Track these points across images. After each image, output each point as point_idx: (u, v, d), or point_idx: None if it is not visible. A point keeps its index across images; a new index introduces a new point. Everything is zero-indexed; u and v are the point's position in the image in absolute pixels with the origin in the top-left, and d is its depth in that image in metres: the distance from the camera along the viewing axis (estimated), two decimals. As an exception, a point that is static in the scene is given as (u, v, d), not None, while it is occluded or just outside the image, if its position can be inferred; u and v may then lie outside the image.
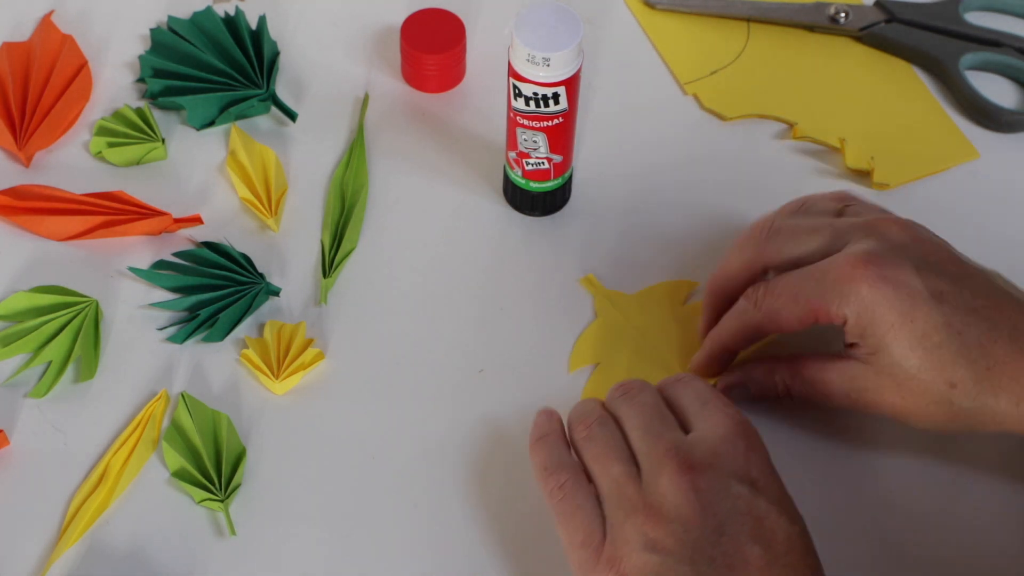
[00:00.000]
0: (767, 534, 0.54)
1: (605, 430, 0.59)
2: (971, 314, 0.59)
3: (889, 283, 0.59)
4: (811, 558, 0.55)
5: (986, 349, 0.59)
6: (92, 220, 0.71)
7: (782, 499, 0.56)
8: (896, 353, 0.59)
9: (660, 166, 0.76)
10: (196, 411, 0.65)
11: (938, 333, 0.59)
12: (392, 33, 0.81)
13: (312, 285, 0.71)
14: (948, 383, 0.59)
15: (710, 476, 0.55)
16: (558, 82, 0.65)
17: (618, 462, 0.57)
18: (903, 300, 0.59)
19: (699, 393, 0.59)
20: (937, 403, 0.59)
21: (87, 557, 0.62)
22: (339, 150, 0.76)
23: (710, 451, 0.56)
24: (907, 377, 0.59)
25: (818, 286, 0.61)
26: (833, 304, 0.60)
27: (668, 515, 0.54)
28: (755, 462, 0.56)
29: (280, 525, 0.63)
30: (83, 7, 0.82)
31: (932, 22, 0.81)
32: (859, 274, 0.60)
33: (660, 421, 0.58)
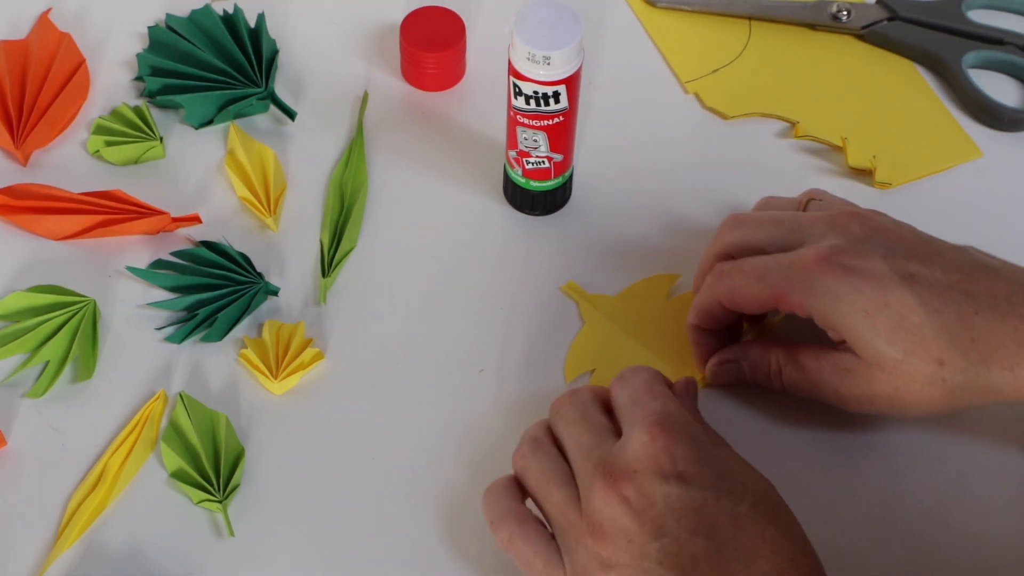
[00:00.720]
0: (707, 522, 0.53)
1: (538, 456, 0.59)
2: (946, 290, 0.59)
3: (856, 273, 0.60)
4: (770, 531, 0.54)
5: (967, 322, 0.59)
6: (90, 219, 0.71)
7: (718, 482, 0.55)
8: (877, 341, 0.59)
9: (661, 165, 0.76)
10: (194, 411, 0.65)
11: (915, 314, 0.59)
12: (392, 31, 0.80)
13: (311, 285, 0.71)
14: (936, 361, 0.59)
15: (636, 483, 0.54)
16: (558, 81, 0.65)
17: (556, 488, 0.57)
18: (873, 287, 0.59)
19: (632, 391, 0.59)
20: (930, 384, 0.59)
21: (85, 558, 0.61)
22: (338, 149, 0.76)
23: (632, 457, 0.55)
24: (894, 363, 0.59)
25: (785, 272, 0.61)
26: (796, 292, 0.60)
27: (609, 532, 0.54)
28: (680, 454, 0.55)
29: (279, 526, 0.63)
30: (81, 5, 0.82)
31: (935, 20, 0.81)
32: (825, 267, 0.60)
33: (590, 435, 0.58)
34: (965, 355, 0.59)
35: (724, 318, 0.65)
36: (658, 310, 0.70)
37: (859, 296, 0.59)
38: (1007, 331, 0.58)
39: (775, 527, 0.54)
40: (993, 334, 0.59)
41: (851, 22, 0.81)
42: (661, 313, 0.69)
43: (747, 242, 0.64)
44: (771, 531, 0.54)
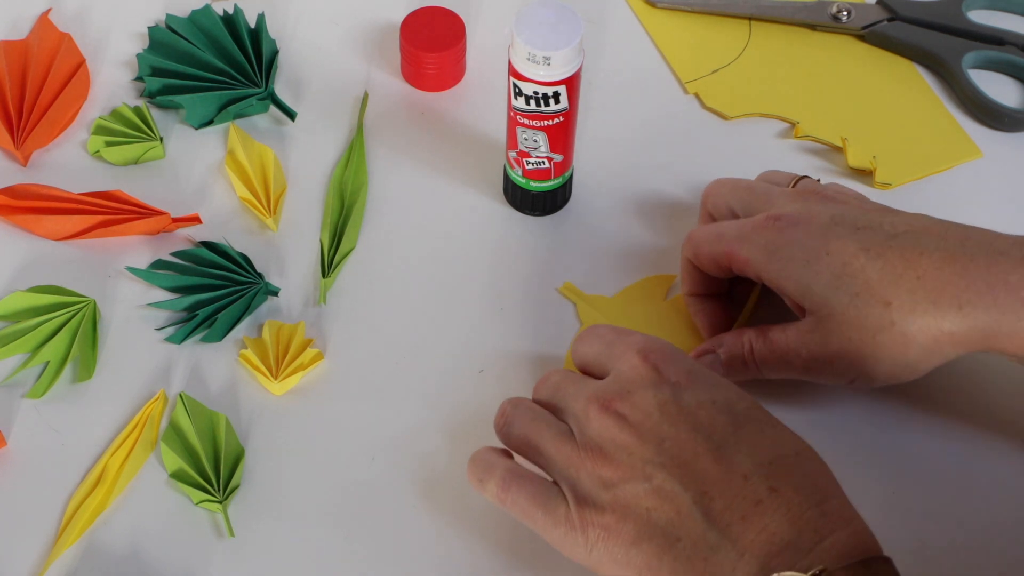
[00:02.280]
0: (705, 423, 0.54)
1: (520, 410, 0.60)
2: (892, 239, 0.60)
3: (799, 226, 0.61)
4: (770, 428, 0.54)
5: (912, 262, 0.59)
6: (90, 220, 0.71)
7: (712, 388, 0.56)
8: (821, 288, 0.60)
9: (661, 165, 0.76)
10: (194, 411, 0.65)
11: (857, 259, 0.59)
12: (392, 31, 0.80)
13: (311, 285, 0.71)
14: (883, 302, 0.59)
15: (631, 401, 0.56)
16: (558, 81, 0.65)
17: (546, 428, 0.58)
18: (814, 237, 0.60)
19: (602, 338, 0.60)
20: (881, 330, 0.59)
21: (85, 558, 0.61)
22: (338, 149, 0.76)
23: (624, 381, 0.57)
24: (843, 309, 0.60)
25: (737, 232, 0.63)
26: (743, 248, 0.62)
27: (609, 451, 0.55)
28: (670, 368, 0.57)
29: (279, 526, 0.63)
30: (81, 5, 0.82)
31: (935, 20, 0.81)
32: (770, 224, 0.62)
33: (573, 382, 0.59)
34: (911, 293, 0.59)
35: (703, 279, 0.66)
36: (656, 310, 0.70)
37: (799, 248, 0.60)
38: (955, 270, 0.59)
39: (775, 427, 0.55)
40: (942, 271, 0.59)
41: (851, 22, 0.81)
42: (659, 313, 0.70)
43: (721, 203, 0.67)
44: (770, 428, 0.55)
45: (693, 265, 0.66)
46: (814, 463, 0.54)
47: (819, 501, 0.52)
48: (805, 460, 0.54)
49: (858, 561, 0.50)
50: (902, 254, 0.59)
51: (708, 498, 0.53)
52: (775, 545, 0.51)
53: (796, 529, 0.51)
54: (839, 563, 0.50)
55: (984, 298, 0.58)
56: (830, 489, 0.53)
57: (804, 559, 0.51)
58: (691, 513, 0.53)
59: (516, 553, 0.62)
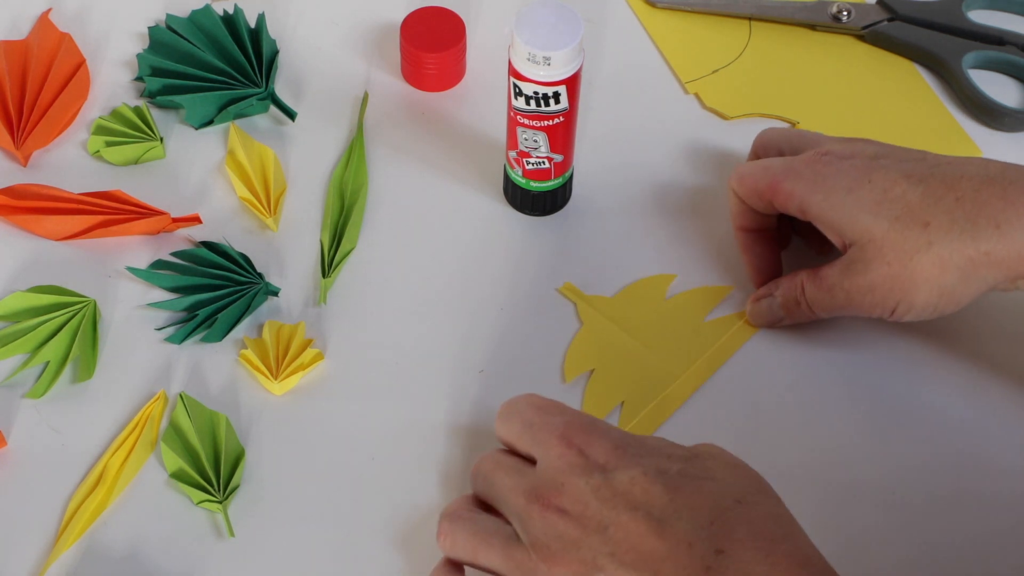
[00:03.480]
0: (641, 498, 0.53)
1: (460, 524, 0.58)
2: (935, 168, 0.61)
3: (844, 159, 0.63)
4: (708, 481, 0.54)
5: (952, 185, 0.60)
6: (90, 220, 0.71)
7: (641, 459, 0.55)
8: (862, 214, 0.61)
9: (661, 165, 0.76)
10: (195, 412, 0.65)
11: (898, 185, 0.60)
12: (392, 31, 0.80)
13: (311, 285, 0.71)
14: (921, 223, 0.60)
15: (565, 493, 0.55)
16: (559, 81, 0.65)
17: (491, 538, 0.56)
18: (857, 169, 0.62)
19: (522, 418, 0.58)
20: (918, 251, 0.60)
21: (85, 558, 0.61)
22: (338, 149, 0.76)
23: (554, 472, 0.55)
24: (883, 234, 0.60)
25: (783, 165, 0.65)
26: (788, 180, 0.64)
27: (557, 549, 0.54)
28: (595, 448, 0.56)
29: (279, 526, 0.63)
30: (81, 5, 0.82)
31: (935, 20, 0.81)
32: (815, 158, 0.64)
33: (507, 473, 0.57)
34: (950, 213, 0.59)
35: (749, 214, 0.67)
36: (656, 310, 0.70)
37: (842, 177, 0.62)
38: (994, 191, 0.59)
39: (713, 480, 0.54)
40: (980, 192, 0.59)
41: (851, 22, 0.81)
42: (659, 313, 0.69)
43: (769, 143, 0.70)
44: (708, 483, 0.54)
45: (739, 198, 0.67)
46: (760, 507, 0.53)
47: (768, 551, 0.51)
48: (750, 507, 0.53)
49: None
50: (943, 179, 0.60)
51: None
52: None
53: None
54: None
55: (1023, 218, 0.59)
56: (780, 533, 0.52)
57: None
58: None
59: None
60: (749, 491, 0.54)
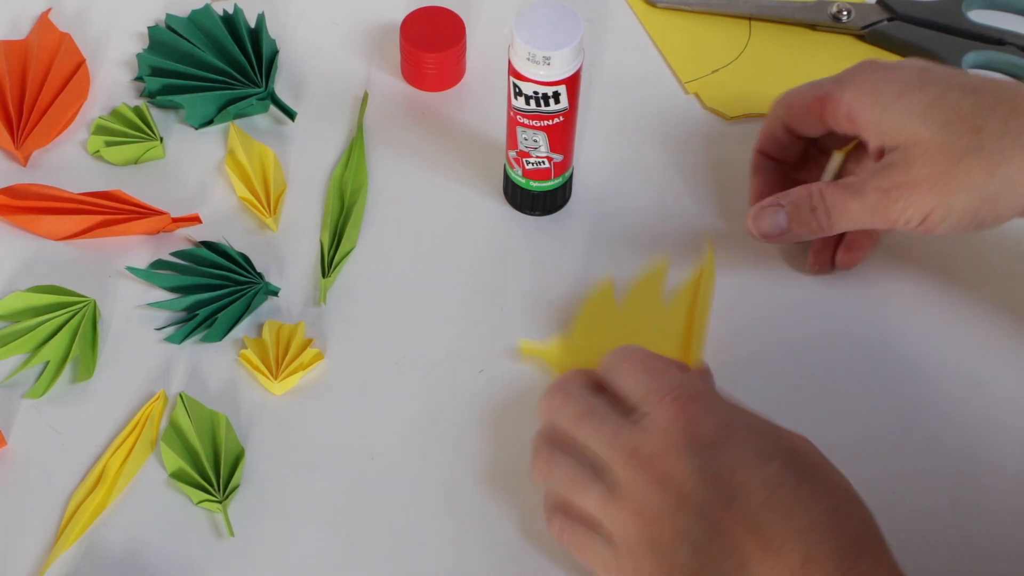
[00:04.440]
0: (743, 485, 0.54)
1: (558, 463, 0.59)
2: (987, 82, 0.61)
3: (895, 69, 0.63)
4: (805, 484, 0.54)
5: (1006, 98, 0.59)
6: (90, 219, 0.71)
7: (746, 447, 0.55)
8: (913, 119, 0.60)
9: (661, 165, 0.76)
10: (194, 411, 0.65)
11: (951, 92, 0.60)
12: (392, 31, 0.80)
13: (311, 285, 0.71)
14: (973, 128, 0.59)
15: (669, 461, 0.55)
16: (558, 81, 0.65)
17: (588, 487, 0.57)
18: (908, 78, 0.62)
19: (633, 370, 0.59)
20: (968, 154, 0.59)
21: (85, 558, 0.61)
22: (338, 149, 0.76)
23: (661, 436, 0.56)
24: (931, 135, 0.59)
25: (833, 79, 0.65)
26: (838, 88, 0.63)
27: (651, 512, 0.55)
28: (706, 424, 0.56)
29: (279, 526, 0.63)
30: (81, 5, 0.82)
31: (935, 20, 0.81)
32: (867, 67, 0.64)
33: (606, 425, 0.58)
34: (1004, 122, 0.59)
35: (784, 141, 0.67)
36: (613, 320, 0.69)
37: (893, 84, 0.61)
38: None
39: (811, 482, 0.54)
40: None
41: (851, 22, 0.81)
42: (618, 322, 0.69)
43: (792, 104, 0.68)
44: (806, 487, 0.54)
45: (778, 123, 0.67)
46: (850, 517, 0.54)
47: (851, 566, 0.52)
48: (841, 516, 0.53)
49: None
50: (996, 92, 0.60)
51: (744, 571, 0.53)
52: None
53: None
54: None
55: None
56: (866, 547, 0.53)
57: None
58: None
59: (516, 553, 0.62)
60: (843, 499, 0.54)
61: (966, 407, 0.66)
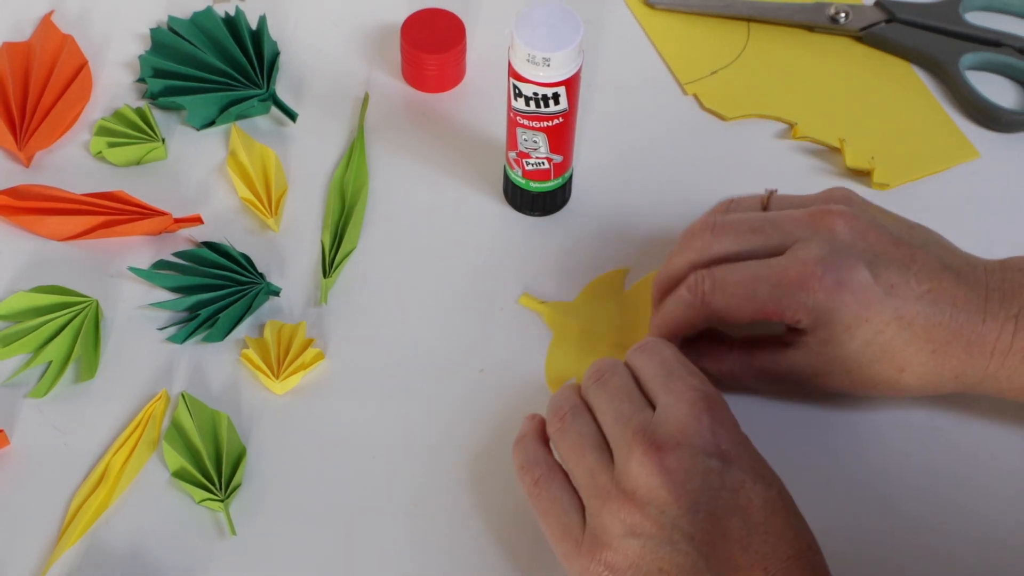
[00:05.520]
0: (743, 504, 0.54)
1: (577, 422, 0.59)
2: (918, 301, 0.61)
3: (846, 288, 0.60)
4: (794, 518, 0.55)
5: (931, 334, 0.61)
6: (92, 220, 0.71)
7: (755, 466, 0.56)
8: (850, 349, 0.61)
9: (660, 166, 0.76)
10: (196, 411, 0.65)
11: (889, 328, 0.61)
12: (392, 33, 0.81)
13: (312, 285, 0.71)
14: (897, 369, 0.62)
15: (678, 455, 0.55)
16: (558, 82, 0.65)
17: (591, 451, 0.58)
18: (859, 302, 0.61)
19: (664, 363, 0.59)
20: (885, 384, 0.62)
21: (87, 557, 0.62)
22: (339, 150, 0.76)
23: (677, 428, 0.56)
24: (858, 367, 0.62)
25: (774, 290, 0.61)
26: (788, 310, 0.61)
27: (642, 499, 0.55)
28: (723, 434, 0.56)
29: (280, 525, 0.63)
30: (83, 7, 0.82)
31: (932, 22, 0.81)
32: (815, 283, 0.60)
33: (629, 403, 0.58)
34: (923, 364, 0.62)
35: (699, 329, 0.65)
36: (617, 303, 0.69)
37: (844, 311, 0.61)
38: (961, 345, 0.61)
39: (797, 517, 0.55)
40: (950, 346, 0.61)
41: (849, 24, 0.81)
42: (620, 305, 0.69)
43: (728, 253, 0.63)
44: (795, 518, 0.55)
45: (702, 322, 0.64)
46: (820, 560, 0.54)
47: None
48: (814, 559, 0.54)
49: None
50: (924, 325, 0.61)
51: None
52: None
53: None
54: None
55: (976, 367, 0.61)
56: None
57: None
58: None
59: (516, 551, 0.62)
60: (815, 545, 0.55)
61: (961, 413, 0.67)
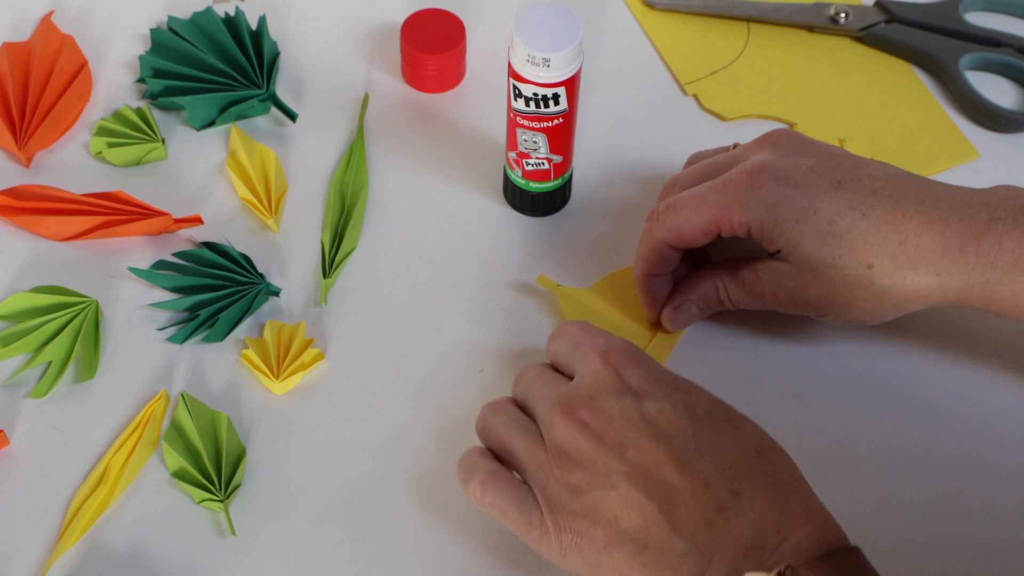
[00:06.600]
0: (668, 429, 0.55)
1: (499, 414, 0.60)
2: (873, 195, 0.61)
3: (786, 183, 0.62)
4: (731, 429, 0.55)
5: (895, 225, 0.60)
6: (92, 220, 0.71)
7: (673, 391, 0.57)
8: (807, 246, 0.61)
9: (660, 167, 0.76)
10: (196, 411, 0.65)
11: (843, 218, 0.61)
12: (392, 33, 0.81)
13: (312, 285, 0.71)
14: (865, 264, 0.61)
15: (593, 407, 0.57)
16: (558, 83, 0.65)
17: (519, 433, 0.59)
18: (802, 195, 0.61)
19: (571, 338, 0.61)
20: (859, 287, 0.61)
21: (87, 557, 0.62)
22: (339, 150, 0.76)
23: (587, 386, 0.58)
24: (824, 267, 0.61)
25: (719, 196, 0.63)
26: (735, 213, 0.62)
27: (575, 458, 0.56)
28: (632, 373, 0.57)
29: (280, 525, 0.63)
30: (83, 7, 0.82)
31: (932, 22, 0.81)
32: (756, 181, 0.62)
33: (545, 385, 0.60)
34: (893, 258, 0.60)
35: (673, 259, 0.66)
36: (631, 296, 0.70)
37: (789, 206, 0.61)
38: (933, 236, 0.60)
39: (735, 426, 0.56)
40: (921, 237, 0.60)
41: (849, 24, 0.81)
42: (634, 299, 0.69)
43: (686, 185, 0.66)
44: (731, 428, 0.56)
45: (665, 244, 0.65)
46: (776, 460, 0.55)
47: (782, 500, 0.53)
48: (767, 458, 0.55)
49: (823, 554, 0.51)
50: (884, 214, 0.61)
51: (673, 507, 0.54)
52: (740, 548, 0.52)
53: (760, 530, 0.52)
54: (804, 558, 0.51)
55: (958, 263, 0.60)
56: (793, 485, 0.54)
57: (769, 558, 0.52)
58: (657, 522, 0.54)
59: (517, 552, 0.62)
60: (767, 445, 0.56)
61: (962, 407, 0.67)
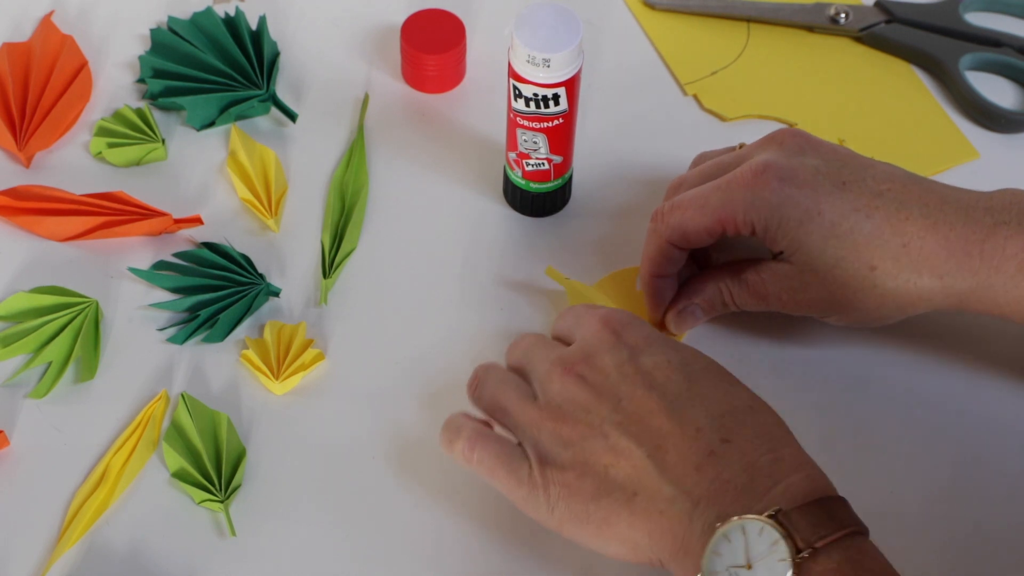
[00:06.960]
0: (662, 381, 0.56)
1: (491, 374, 0.61)
2: (877, 197, 0.61)
3: (790, 183, 0.61)
4: (724, 382, 0.56)
5: (899, 228, 0.60)
6: (92, 220, 0.71)
7: (670, 351, 0.57)
8: (811, 247, 0.61)
9: (661, 167, 0.76)
10: (196, 411, 0.65)
11: (847, 220, 0.61)
12: (392, 33, 0.81)
13: (312, 285, 0.71)
14: (868, 266, 0.61)
15: (591, 363, 0.58)
16: (558, 83, 0.65)
17: (512, 389, 0.59)
18: (806, 196, 0.61)
19: (575, 313, 0.62)
20: (862, 288, 0.61)
21: (87, 557, 0.62)
22: (339, 150, 0.76)
23: (586, 346, 0.59)
24: (828, 268, 0.61)
25: (723, 196, 0.63)
26: (739, 212, 0.62)
27: (570, 411, 0.57)
28: (629, 333, 0.59)
29: (280, 525, 0.63)
30: (83, 7, 0.82)
31: (932, 22, 0.81)
32: (760, 181, 0.62)
33: (543, 347, 0.61)
34: (896, 260, 0.61)
35: (678, 259, 0.66)
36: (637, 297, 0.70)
37: (794, 206, 0.61)
38: (937, 239, 0.60)
39: (728, 382, 0.57)
40: (925, 240, 0.60)
41: (849, 24, 0.81)
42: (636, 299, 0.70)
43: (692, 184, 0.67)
44: (725, 384, 0.57)
45: (670, 246, 0.65)
46: (767, 415, 0.56)
47: (771, 448, 0.54)
48: (758, 413, 0.56)
49: (813, 500, 0.52)
50: (888, 217, 0.61)
51: (662, 452, 0.54)
52: (730, 493, 0.53)
53: (750, 476, 0.53)
54: (794, 503, 0.51)
55: (962, 268, 0.60)
56: (783, 438, 0.55)
57: (759, 503, 0.52)
58: (646, 468, 0.54)
59: (516, 551, 0.62)
60: (759, 404, 0.56)
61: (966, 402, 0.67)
